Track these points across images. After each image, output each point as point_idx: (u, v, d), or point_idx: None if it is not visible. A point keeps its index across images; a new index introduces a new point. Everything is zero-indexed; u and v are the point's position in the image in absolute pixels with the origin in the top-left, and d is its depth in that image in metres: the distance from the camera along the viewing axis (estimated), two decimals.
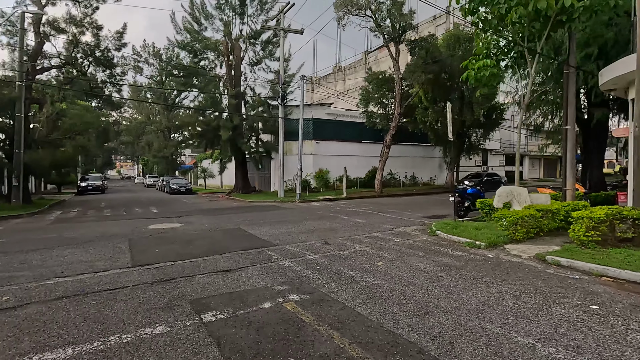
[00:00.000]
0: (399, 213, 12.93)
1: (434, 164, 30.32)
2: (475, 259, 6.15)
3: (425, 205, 15.57)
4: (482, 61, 8.31)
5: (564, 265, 5.62)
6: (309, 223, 10.66)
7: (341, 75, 44.94)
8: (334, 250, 7.02)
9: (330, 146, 24.53)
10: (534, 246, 6.65)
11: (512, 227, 6.84)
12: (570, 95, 9.86)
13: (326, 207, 15.68)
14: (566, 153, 10.00)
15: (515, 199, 8.09)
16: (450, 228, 8.56)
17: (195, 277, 5.29)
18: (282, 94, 20.07)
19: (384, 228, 9.61)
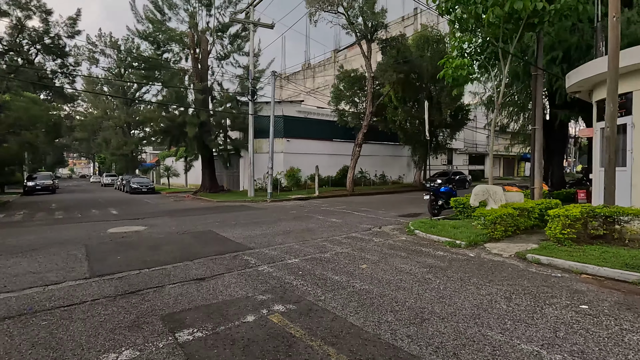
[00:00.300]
0: (374, 212, 12.85)
1: (402, 162, 30.84)
2: (458, 259, 6.08)
3: (397, 204, 15.65)
4: (459, 60, 8.33)
5: (544, 264, 5.68)
6: (284, 224, 10.26)
7: (310, 73, 44.62)
8: (315, 252, 6.70)
9: (302, 144, 24.17)
10: (512, 244, 6.71)
11: (492, 226, 6.87)
12: (538, 96, 10.20)
13: (299, 206, 15.32)
14: (534, 153, 10.34)
15: (491, 197, 8.19)
16: (428, 227, 8.53)
17: (165, 288, 4.76)
18: (252, 89, 19.41)
19: (361, 228, 9.43)
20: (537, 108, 10.26)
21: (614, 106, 6.25)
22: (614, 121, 6.27)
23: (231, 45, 22.89)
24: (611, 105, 6.25)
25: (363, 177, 26.58)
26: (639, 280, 4.72)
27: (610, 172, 6.37)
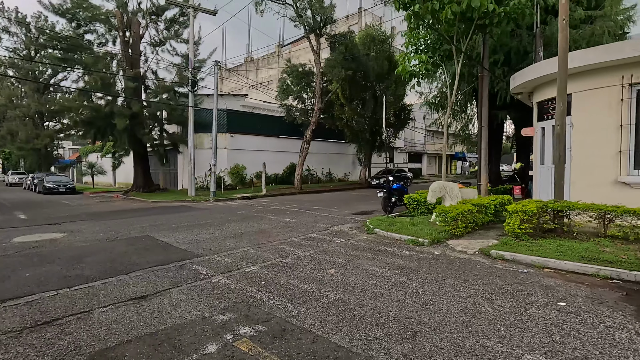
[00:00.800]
0: (327, 210, 12.47)
1: (348, 160, 31.12)
2: (425, 258, 5.88)
3: (348, 201, 15.50)
4: (418, 56, 8.26)
5: (508, 259, 5.70)
6: (234, 225, 9.38)
7: (253, 66, 43.10)
8: (274, 257, 6.04)
9: (246, 140, 23.01)
10: (474, 241, 6.73)
11: (453, 223, 6.83)
12: (484, 97, 10.61)
13: (246, 206, 14.39)
14: (481, 150, 10.75)
15: (447, 194, 8.25)
16: (387, 225, 8.34)
17: (93, 313, 3.77)
18: (192, 79, 17.87)
19: (318, 228, 8.94)
20: (483, 108, 10.68)
21: (563, 105, 6.54)
22: (563, 119, 6.57)
23: (167, 30, 20.87)
24: (561, 105, 6.54)
25: (310, 175, 26.21)
26: (596, 273, 4.88)
27: (559, 169, 6.67)
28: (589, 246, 5.69)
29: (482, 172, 10.70)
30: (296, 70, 21.73)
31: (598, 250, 5.51)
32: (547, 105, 8.88)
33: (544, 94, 8.89)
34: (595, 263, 5.05)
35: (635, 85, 7.10)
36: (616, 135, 7.35)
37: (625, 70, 7.16)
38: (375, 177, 25.12)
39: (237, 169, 21.89)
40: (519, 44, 11.48)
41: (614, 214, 5.94)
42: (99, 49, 19.39)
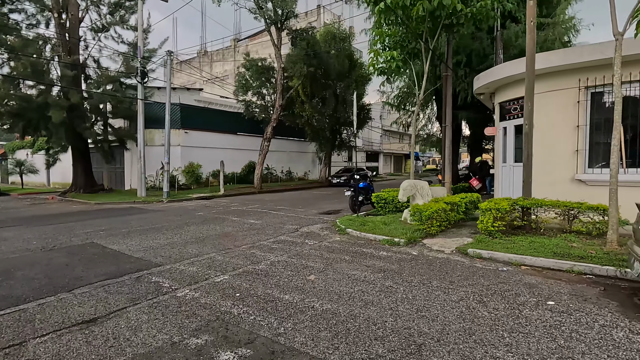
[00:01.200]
0: (292, 210, 12.02)
1: (307, 159, 30.80)
2: (404, 259, 5.69)
3: (312, 201, 15.15)
4: (389, 52, 8.10)
5: (485, 258, 5.69)
6: (194, 229, 8.60)
7: (207, 60, 41.18)
8: (245, 264, 5.49)
9: (202, 137, 21.74)
10: (449, 239, 6.69)
11: (428, 222, 6.74)
12: (448, 96, 10.81)
13: (205, 207, 13.46)
14: (445, 149, 10.95)
15: (418, 192, 8.20)
16: (359, 225, 8.11)
17: (27, 346, 3.03)
18: (142, 70, 16.40)
19: (287, 229, 8.48)
20: (447, 107, 10.88)
21: (531, 104, 6.71)
22: (531, 118, 6.74)
23: (111, 15, 19.00)
24: (529, 104, 6.70)
25: (269, 174, 25.50)
26: (571, 269, 4.98)
27: (528, 167, 6.85)
28: (559, 242, 5.85)
29: (446, 170, 10.91)
30: (256, 65, 20.92)
31: (567, 246, 5.67)
32: (509, 106, 9.19)
33: (506, 95, 9.19)
34: (568, 259, 5.17)
35: (590, 88, 7.52)
36: (573, 136, 7.74)
37: (582, 73, 7.54)
38: (336, 176, 25.08)
39: (192, 167, 20.60)
40: (480, 46, 11.90)
41: (578, 210, 6.19)
42: (28, 31, 17.11)
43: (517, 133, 9.00)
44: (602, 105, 7.54)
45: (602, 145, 7.53)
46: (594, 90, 7.50)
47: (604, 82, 7.34)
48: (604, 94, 7.49)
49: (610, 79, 7.29)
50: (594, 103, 7.60)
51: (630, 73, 7.10)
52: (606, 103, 7.49)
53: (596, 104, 7.58)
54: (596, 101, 7.57)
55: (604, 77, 7.34)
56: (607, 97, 7.49)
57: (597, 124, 7.56)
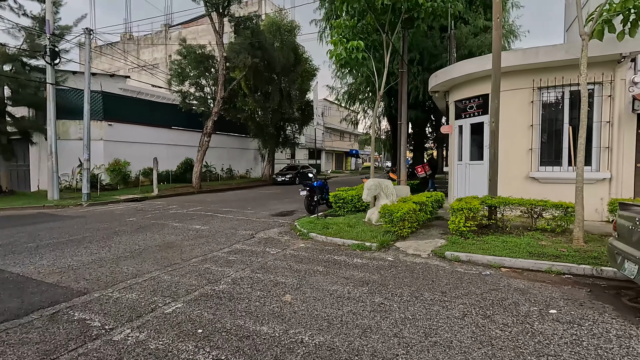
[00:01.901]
0: (240, 212, 10.95)
1: (249, 156, 29.37)
2: (383, 267, 5.18)
3: (260, 201, 14.13)
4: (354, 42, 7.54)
5: (464, 261, 5.43)
6: (126, 239, 7.19)
7: (134, 46, 37.12)
8: (201, 284, 4.50)
9: (130, 131, 19.24)
10: (421, 242, 6.36)
11: (400, 223, 6.34)
12: (404, 93, 10.66)
13: (137, 210, 11.71)
14: (400, 147, 10.81)
15: (383, 192, 7.82)
16: (321, 228, 7.47)
17: None
18: (52, 49, 13.76)
19: (241, 235, 7.50)
20: (403, 104, 10.74)
21: (498, 101, 6.67)
22: (497, 116, 6.70)
23: None
24: (496, 101, 6.65)
25: (208, 172, 23.67)
26: (549, 269, 4.90)
27: (494, 165, 6.80)
28: (529, 241, 5.83)
29: (402, 168, 10.78)
30: (194, 52, 19.04)
31: (538, 245, 5.66)
32: (464, 104, 9.27)
33: (461, 93, 9.25)
34: (545, 259, 5.10)
35: (542, 89, 7.78)
36: (528, 134, 7.97)
37: (536, 74, 7.78)
38: (280, 174, 24.14)
39: (119, 164, 18.12)
40: (432, 44, 12.01)
41: (543, 208, 6.26)
42: None
43: (473, 131, 9.11)
44: (552, 106, 7.86)
45: (553, 144, 7.86)
46: (546, 92, 7.78)
47: (555, 83, 7.64)
48: (553, 95, 7.81)
49: (560, 80, 7.62)
50: (545, 103, 7.89)
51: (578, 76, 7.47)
52: (556, 104, 7.82)
53: (547, 105, 7.88)
54: (547, 102, 7.87)
55: (555, 79, 7.64)
56: (556, 98, 7.82)
57: (547, 124, 7.87)
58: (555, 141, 7.80)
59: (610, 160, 7.28)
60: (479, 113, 8.74)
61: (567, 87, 7.59)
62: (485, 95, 8.56)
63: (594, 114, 7.48)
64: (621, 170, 7.21)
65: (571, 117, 7.68)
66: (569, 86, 7.56)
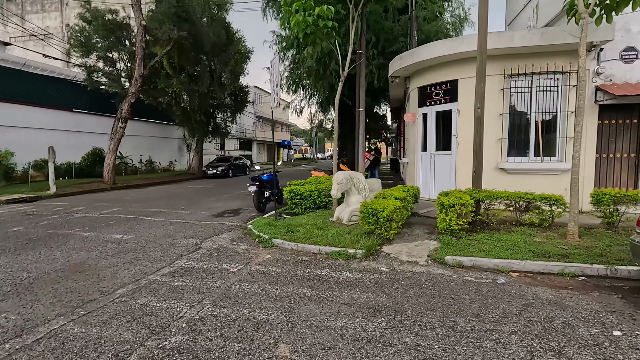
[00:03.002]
0: (173, 213, 9.00)
1: (173, 146, 26.15)
2: (383, 282, 4.15)
3: (194, 198, 12.11)
4: (323, 7, 6.23)
5: (468, 266, 4.67)
6: (6, 262, 4.99)
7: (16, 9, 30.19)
8: (138, 337, 2.91)
9: (13, 112, 15.19)
10: (411, 245, 5.47)
11: (387, 224, 5.36)
12: (362, 77, 9.76)
13: (25, 215, 8.91)
14: (358, 136, 9.92)
15: (354, 186, 6.78)
16: (285, 231, 6.17)
17: None
18: None
19: (182, 246, 5.81)
20: (361, 90, 9.84)
21: (483, 85, 6.07)
22: (483, 101, 6.10)
23: None
24: (482, 85, 6.05)
25: (124, 164, 20.26)
26: (562, 271, 4.38)
27: (479, 155, 6.24)
28: (525, 239, 5.34)
29: (360, 159, 9.92)
30: (102, 17, 15.62)
31: (534, 242, 5.18)
32: (430, 91, 8.68)
33: (427, 79, 8.65)
34: (552, 259, 4.59)
35: (513, 77, 7.48)
36: (498, 123, 7.64)
37: (507, 61, 7.44)
38: (211, 166, 21.72)
39: None
40: (390, 26, 11.27)
41: (529, 201, 5.85)
42: None
43: (439, 119, 8.59)
44: (520, 95, 7.62)
45: (522, 134, 7.64)
46: (516, 79, 7.49)
47: (525, 70, 7.38)
48: (522, 84, 7.57)
49: (530, 67, 7.37)
50: (513, 92, 7.62)
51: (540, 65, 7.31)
52: (525, 92, 7.59)
53: (515, 93, 7.62)
54: (516, 90, 7.61)
55: (525, 66, 7.38)
56: (524, 87, 7.59)
57: (515, 113, 7.63)
58: (523, 131, 7.60)
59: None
60: (446, 100, 8.22)
61: (537, 76, 7.41)
62: (454, 81, 8.04)
63: (559, 104, 7.42)
64: (583, 161, 7.24)
65: (538, 107, 7.52)
66: (538, 74, 7.37)
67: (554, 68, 7.20)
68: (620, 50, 7.04)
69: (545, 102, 7.48)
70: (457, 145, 8.00)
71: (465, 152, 7.92)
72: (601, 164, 7.42)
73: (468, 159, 7.88)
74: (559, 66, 7.19)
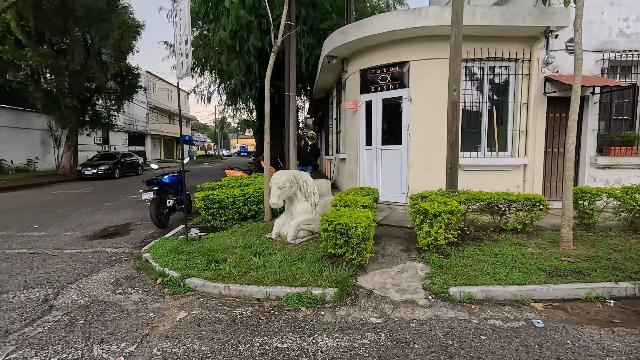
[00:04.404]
0: (17, 238, 5.94)
1: (33, 139, 20.30)
2: (384, 349, 2.57)
3: (58, 209, 8.72)
4: None
5: (481, 299, 3.41)
6: None
7: None
8: None
9: None
10: (392, 271, 3.98)
11: (362, 245, 3.78)
12: (292, 56, 8.06)
13: None
14: (289, 127, 8.19)
15: (300, 191, 5.02)
16: (206, 263, 4.14)
17: None
18: None
19: (15, 308, 3.28)
20: (291, 70, 8.11)
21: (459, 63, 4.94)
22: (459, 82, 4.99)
23: None
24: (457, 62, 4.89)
25: None
26: (590, 295, 3.43)
27: (455, 147, 5.12)
28: (520, 251, 4.35)
29: (291, 154, 8.21)
30: None
31: (532, 255, 4.23)
32: (375, 74, 7.42)
33: (372, 60, 7.36)
34: (569, 279, 3.63)
35: (469, 62, 6.66)
36: None
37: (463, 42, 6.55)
38: (90, 165, 17.20)
39: None
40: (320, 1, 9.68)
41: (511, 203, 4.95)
42: None
43: (387, 108, 7.39)
44: (471, 83, 6.87)
45: (474, 126, 6.90)
46: (468, 64, 6.69)
47: (481, 55, 6.63)
48: (474, 70, 6.83)
49: (485, 52, 6.66)
50: (467, 79, 6.83)
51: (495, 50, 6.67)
52: (477, 80, 6.86)
53: (466, 81, 6.84)
54: (467, 77, 6.83)
55: (480, 50, 6.62)
56: (474, 74, 6.86)
57: (467, 103, 6.85)
58: (474, 123, 6.89)
59: (526, 145, 6.84)
60: (395, 86, 7.05)
61: (491, 62, 6.74)
62: (404, 63, 6.91)
63: (510, 94, 6.89)
64: (533, 156, 6.87)
65: (491, 96, 6.88)
66: (493, 60, 6.71)
67: (508, 54, 6.61)
68: (565, 40, 6.79)
69: (498, 91, 6.88)
70: (408, 138, 6.91)
71: (419, 146, 6.88)
72: (549, 160, 7.16)
73: (422, 154, 6.88)
74: (512, 52, 6.62)
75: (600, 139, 7.08)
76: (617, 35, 6.86)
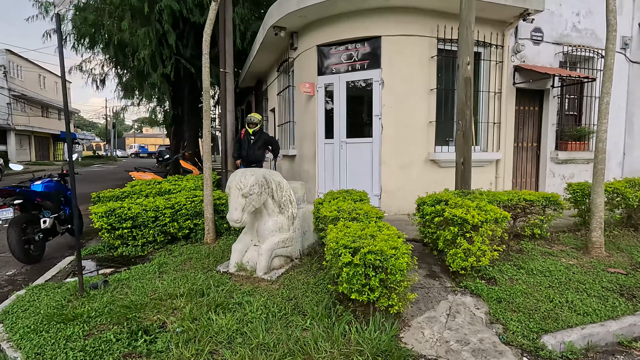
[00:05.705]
0: None
1: None
2: None
3: None
4: None
5: (584, 348, 2.34)
6: None
7: None
8: None
9: None
10: (436, 313, 2.67)
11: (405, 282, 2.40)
12: (228, 22, 6.26)
13: None
14: (226, 115, 6.35)
15: (273, 197, 3.38)
16: (128, 342, 2.25)
17: None
18: None
19: None
20: (227, 41, 6.29)
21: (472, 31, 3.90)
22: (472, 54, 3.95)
23: None
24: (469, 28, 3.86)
25: None
26: None
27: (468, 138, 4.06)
28: (563, 264, 3.50)
29: (229, 151, 6.39)
30: None
31: (578, 269, 3.41)
32: (337, 51, 6.10)
33: (333, 33, 6.01)
34: None
35: (447, 42, 5.80)
36: (428, 101, 5.84)
37: (439, 19, 5.69)
38: None
39: None
40: None
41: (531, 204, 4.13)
42: None
43: (352, 93, 6.12)
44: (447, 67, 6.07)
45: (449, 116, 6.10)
46: (446, 45, 5.85)
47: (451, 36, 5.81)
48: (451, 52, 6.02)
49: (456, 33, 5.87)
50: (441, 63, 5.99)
51: None
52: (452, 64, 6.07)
53: (443, 65, 6.01)
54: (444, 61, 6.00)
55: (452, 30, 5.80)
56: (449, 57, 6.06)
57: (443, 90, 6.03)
58: (450, 113, 6.09)
59: (500, 139, 6.32)
60: (365, 66, 5.82)
61: None
62: (375, 39, 5.73)
63: (481, 82, 6.29)
64: (504, 151, 6.40)
65: None
66: None
67: (483, 38, 5.96)
68: (531, 29, 6.48)
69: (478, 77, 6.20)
70: (381, 129, 5.75)
71: (394, 138, 5.79)
72: (517, 154, 6.81)
73: (394, 149, 5.80)
74: (485, 37, 6.00)
75: (556, 133, 7.00)
76: (571, 30, 6.82)
